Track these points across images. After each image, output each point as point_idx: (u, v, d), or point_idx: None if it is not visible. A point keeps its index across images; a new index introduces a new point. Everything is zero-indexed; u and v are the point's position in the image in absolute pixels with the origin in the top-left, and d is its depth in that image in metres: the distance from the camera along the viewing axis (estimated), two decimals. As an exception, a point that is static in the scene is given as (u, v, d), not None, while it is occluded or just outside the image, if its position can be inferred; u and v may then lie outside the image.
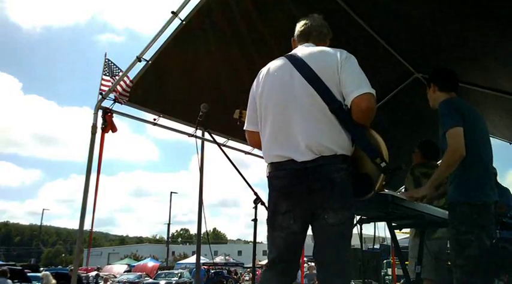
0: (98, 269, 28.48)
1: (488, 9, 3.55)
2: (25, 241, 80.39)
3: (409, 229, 3.90)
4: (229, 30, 4.07)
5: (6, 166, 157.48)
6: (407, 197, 2.59)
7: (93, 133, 4.16)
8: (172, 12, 3.75)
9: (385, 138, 1.92)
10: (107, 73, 4.37)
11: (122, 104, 4.23)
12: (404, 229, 3.93)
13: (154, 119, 4.60)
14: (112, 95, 4.21)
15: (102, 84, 4.32)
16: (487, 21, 3.74)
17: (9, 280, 10.49)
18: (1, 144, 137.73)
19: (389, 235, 2.96)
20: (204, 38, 4.07)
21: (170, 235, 50.22)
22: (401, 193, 2.62)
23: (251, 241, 3.47)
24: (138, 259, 41.95)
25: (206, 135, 4.06)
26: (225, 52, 4.27)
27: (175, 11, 3.74)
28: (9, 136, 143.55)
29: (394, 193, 2.47)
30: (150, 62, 4.04)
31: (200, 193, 4.97)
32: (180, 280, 22.76)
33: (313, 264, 13.15)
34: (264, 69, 2.09)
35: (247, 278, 27.92)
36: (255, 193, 2.83)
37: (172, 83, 4.43)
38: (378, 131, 1.96)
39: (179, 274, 23.78)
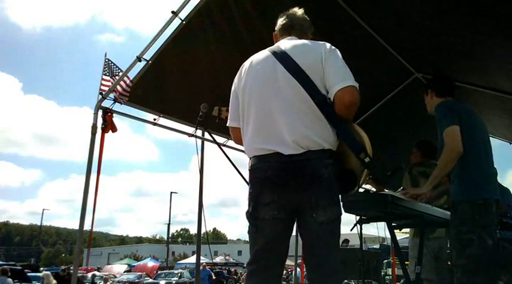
0: (98, 269, 28.52)
1: (489, 9, 3.55)
2: (25, 241, 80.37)
3: (408, 229, 3.90)
4: (229, 30, 4.07)
5: (6, 166, 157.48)
6: (406, 196, 2.59)
7: (93, 133, 4.16)
8: (173, 12, 3.75)
9: (385, 137, 1.91)
10: (107, 73, 4.37)
11: (122, 104, 4.23)
12: (404, 229, 3.93)
13: (155, 119, 4.60)
14: (112, 95, 4.21)
15: (102, 84, 4.32)
16: (487, 21, 3.74)
17: (9, 278, 10.50)
18: (1, 144, 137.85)
19: (389, 235, 2.96)
20: (204, 38, 4.07)
21: (170, 235, 50.26)
22: (401, 193, 2.62)
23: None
24: (138, 259, 41.95)
25: (206, 135, 4.06)
26: (225, 52, 4.27)
27: (175, 10, 3.75)
28: (9, 136, 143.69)
29: (394, 193, 2.47)
30: (150, 61, 4.05)
31: (200, 193, 4.97)
32: (180, 280, 22.74)
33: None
34: (246, 63, 2.03)
35: (247, 278, 27.87)
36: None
37: (172, 83, 4.43)
38: (378, 131, 1.95)
39: (179, 274, 23.77)
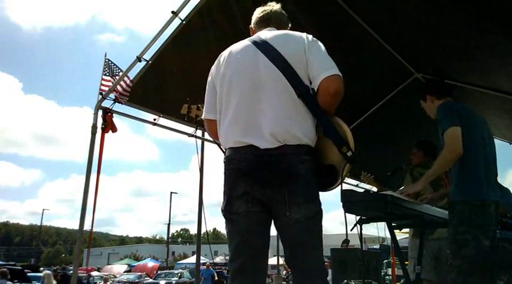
0: (98, 269, 28.52)
1: (489, 9, 3.55)
2: (25, 241, 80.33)
3: (408, 229, 3.90)
4: (229, 30, 4.07)
5: (6, 166, 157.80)
6: (404, 194, 2.59)
7: (93, 133, 4.16)
8: (173, 12, 3.75)
9: (386, 137, 1.90)
10: (107, 73, 4.37)
11: (122, 104, 4.23)
12: (404, 229, 3.93)
13: (154, 119, 4.60)
14: (112, 95, 4.22)
15: (102, 84, 4.33)
16: (487, 21, 3.74)
17: (9, 281, 10.48)
18: (1, 144, 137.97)
19: (389, 235, 2.96)
20: (204, 38, 4.07)
21: (170, 235, 50.22)
22: (398, 192, 2.62)
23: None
24: (138, 259, 41.95)
25: (206, 135, 4.06)
26: (225, 52, 4.27)
27: (175, 10, 3.75)
28: (9, 136, 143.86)
29: (393, 193, 2.47)
30: (150, 61, 4.05)
31: (200, 193, 4.97)
32: (180, 280, 22.74)
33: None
34: (225, 52, 1.94)
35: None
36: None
37: (172, 83, 4.43)
38: (378, 131, 1.94)
39: (179, 274, 23.76)
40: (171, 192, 37.14)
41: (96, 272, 25.72)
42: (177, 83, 4.44)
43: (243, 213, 1.72)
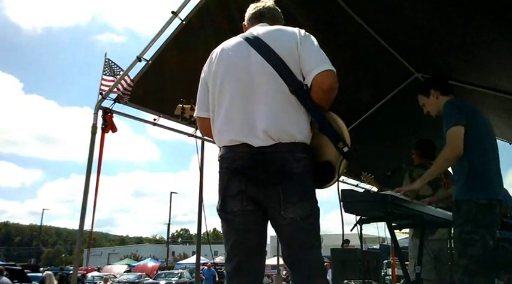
0: (98, 270, 28.51)
1: (488, 9, 3.55)
2: (25, 241, 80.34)
3: (408, 229, 3.90)
4: (229, 30, 4.06)
5: (6, 166, 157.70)
6: (401, 193, 2.58)
7: (93, 133, 4.16)
8: (173, 12, 3.75)
9: (386, 137, 1.88)
10: (107, 73, 4.37)
11: (123, 104, 4.23)
12: (404, 229, 3.93)
13: (155, 119, 4.60)
14: (112, 95, 4.22)
15: (102, 84, 4.33)
16: (487, 20, 3.74)
17: (5, 277, 10.47)
18: (1, 144, 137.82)
19: (389, 235, 2.96)
20: (204, 38, 4.06)
21: (170, 235, 50.21)
22: (395, 190, 2.61)
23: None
24: (138, 259, 41.95)
25: (206, 135, 4.05)
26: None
27: (175, 10, 3.75)
28: (9, 136, 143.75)
29: (394, 193, 2.47)
30: (150, 61, 4.05)
31: (200, 193, 4.97)
32: (180, 280, 22.74)
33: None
34: (217, 49, 1.91)
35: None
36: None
37: (172, 83, 4.43)
38: (378, 131, 1.92)
39: (179, 274, 23.77)
40: (171, 192, 37.22)
41: (96, 272, 25.73)
42: (177, 83, 4.44)
43: (238, 212, 1.70)
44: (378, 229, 3.71)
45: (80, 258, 5.19)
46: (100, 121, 4.19)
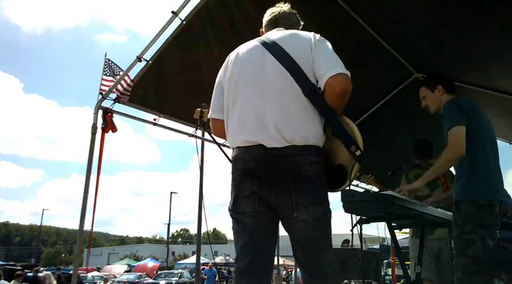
0: (98, 269, 28.52)
1: (488, 9, 3.55)
2: (25, 241, 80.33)
3: (409, 229, 3.90)
4: (229, 30, 4.07)
5: (6, 166, 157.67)
6: (402, 192, 2.58)
7: (93, 133, 4.16)
8: (173, 12, 3.75)
9: (385, 137, 1.88)
10: (107, 73, 4.38)
11: (123, 104, 4.23)
12: (404, 229, 3.93)
13: (155, 119, 4.60)
14: (112, 95, 4.22)
15: (102, 84, 4.33)
16: (487, 21, 3.74)
17: (5, 281, 10.47)
18: (1, 144, 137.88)
19: (389, 235, 2.96)
20: (204, 38, 4.06)
21: (170, 235, 50.22)
22: (395, 190, 2.62)
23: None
24: (138, 259, 41.95)
25: (206, 135, 4.06)
26: (225, 52, 4.26)
27: (175, 10, 3.75)
28: (9, 136, 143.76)
29: (394, 193, 2.46)
30: (150, 62, 4.05)
31: (200, 193, 4.97)
32: (180, 280, 22.74)
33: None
34: (233, 53, 1.96)
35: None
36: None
37: (172, 83, 4.43)
38: (378, 131, 1.92)
39: (179, 274, 23.77)
40: (171, 192, 37.20)
41: (96, 272, 25.74)
42: (177, 83, 4.44)
43: (250, 212, 1.71)
44: (377, 229, 3.71)
45: (80, 258, 5.19)
46: (100, 121, 4.19)
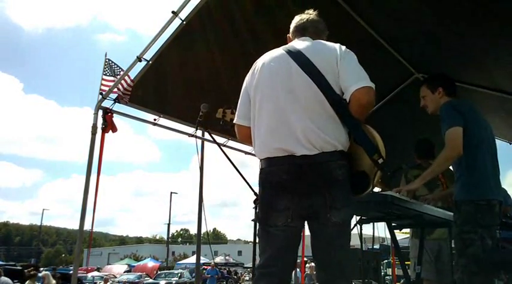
0: (98, 269, 28.53)
1: (488, 9, 3.55)
2: (25, 241, 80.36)
3: (409, 229, 3.90)
4: (230, 30, 4.08)
5: (6, 166, 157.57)
6: (402, 192, 2.59)
7: (94, 133, 4.16)
8: (173, 12, 3.75)
9: (385, 138, 1.90)
10: (108, 73, 4.37)
11: (123, 104, 4.23)
12: (404, 229, 3.93)
13: (155, 119, 4.60)
14: (112, 95, 4.22)
15: (102, 84, 4.32)
16: (487, 20, 3.75)
17: (5, 277, 10.45)
18: (1, 144, 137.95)
19: (389, 235, 2.96)
20: (204, 38, 4.07)
21: (170, 235, 50.25)
22: (395, 190, 2.62)
23: (251, 241, 3.48)
24: (138, 259, 41.95)
25: (206, 135, 4.06)
26: (225, 52, 4.28)
27: (175, 10, 3.75)
28: (9, 136, 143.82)
29: (393, 194, 2.47)
30: (150, 62, 4.05)
31: (200, 193, 4.97)
32: (180, 280, 22.76)
33: (314, 264, 13.11)
34: (259, 61, 1.99)
35: (247, 278, 27.93)
36: (255, 194, 2.82)
37: (172, 83, 4.43)
38: (378, 131, 1.94)
39: (179, 274, 23.79)
40: (171, 192, 37.25)
41: (96, 272, 25.74)
42: (177, 83, 4.44)
43: (282, 226, 1.77)
44: (377, 229, 3.71)
45: (80, 258, 5.19)
46: (100, 121, 4.19)
